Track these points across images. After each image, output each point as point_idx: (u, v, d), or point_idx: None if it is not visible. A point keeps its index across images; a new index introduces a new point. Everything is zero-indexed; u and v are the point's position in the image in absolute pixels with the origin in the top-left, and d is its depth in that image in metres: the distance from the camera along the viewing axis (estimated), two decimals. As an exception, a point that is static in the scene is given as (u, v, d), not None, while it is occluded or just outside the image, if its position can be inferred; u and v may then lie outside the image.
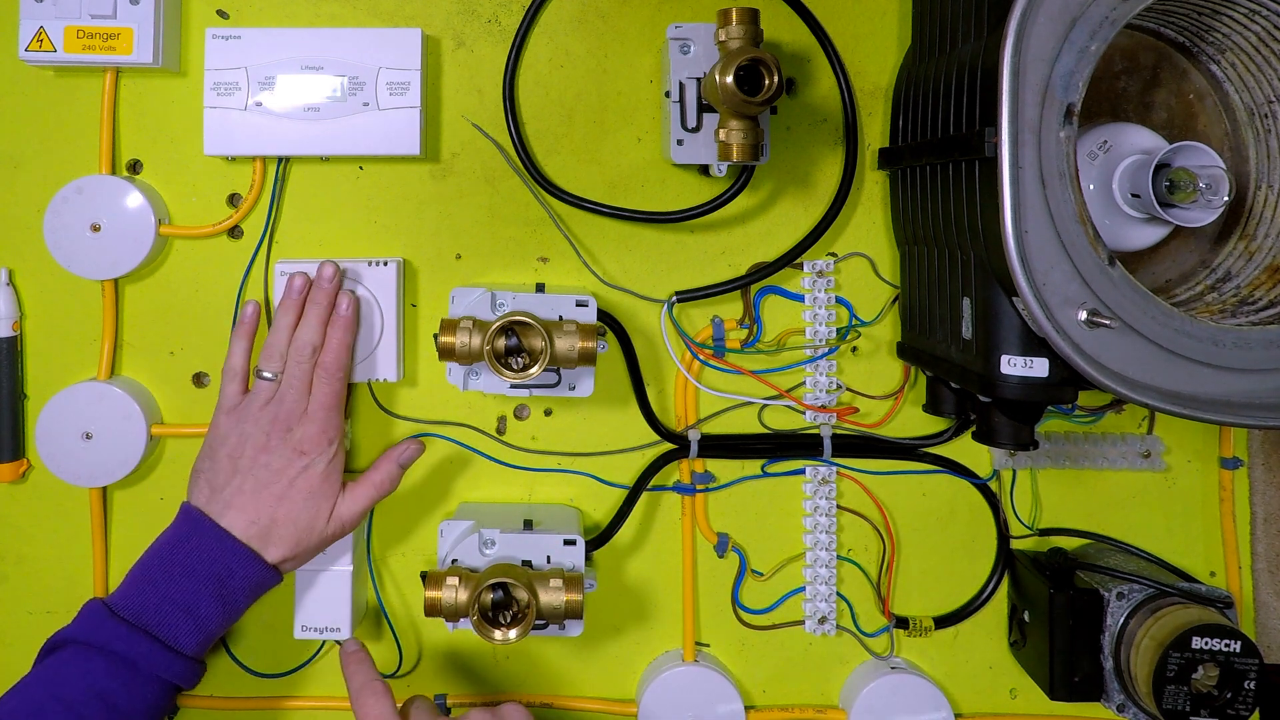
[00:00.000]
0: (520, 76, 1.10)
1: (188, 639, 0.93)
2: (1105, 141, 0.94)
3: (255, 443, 0.98)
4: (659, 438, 1.11)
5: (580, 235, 1.11)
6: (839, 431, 1.13)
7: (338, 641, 1.06)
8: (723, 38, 0.98)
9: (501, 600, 0.97)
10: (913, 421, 1.13)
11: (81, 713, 0.87)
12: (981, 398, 0.95)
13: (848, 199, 1.11)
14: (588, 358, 0.98)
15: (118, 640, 0.90)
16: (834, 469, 1.12)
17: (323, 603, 1.06)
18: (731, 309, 1.11)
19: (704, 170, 1.07)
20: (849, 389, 1.13)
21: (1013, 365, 0.88)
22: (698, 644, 1.13)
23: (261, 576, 0.96)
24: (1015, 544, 1.14)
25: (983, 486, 1.14)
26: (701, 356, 1.10)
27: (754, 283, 1.10)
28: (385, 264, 1.07)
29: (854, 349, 1.13)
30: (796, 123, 1.11)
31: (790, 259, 1.10)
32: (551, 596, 0.98)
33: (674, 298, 1.10)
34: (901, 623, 1.13)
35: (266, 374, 1.00)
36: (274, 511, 0.97)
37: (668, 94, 1.03)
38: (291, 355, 1.00)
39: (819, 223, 1.10)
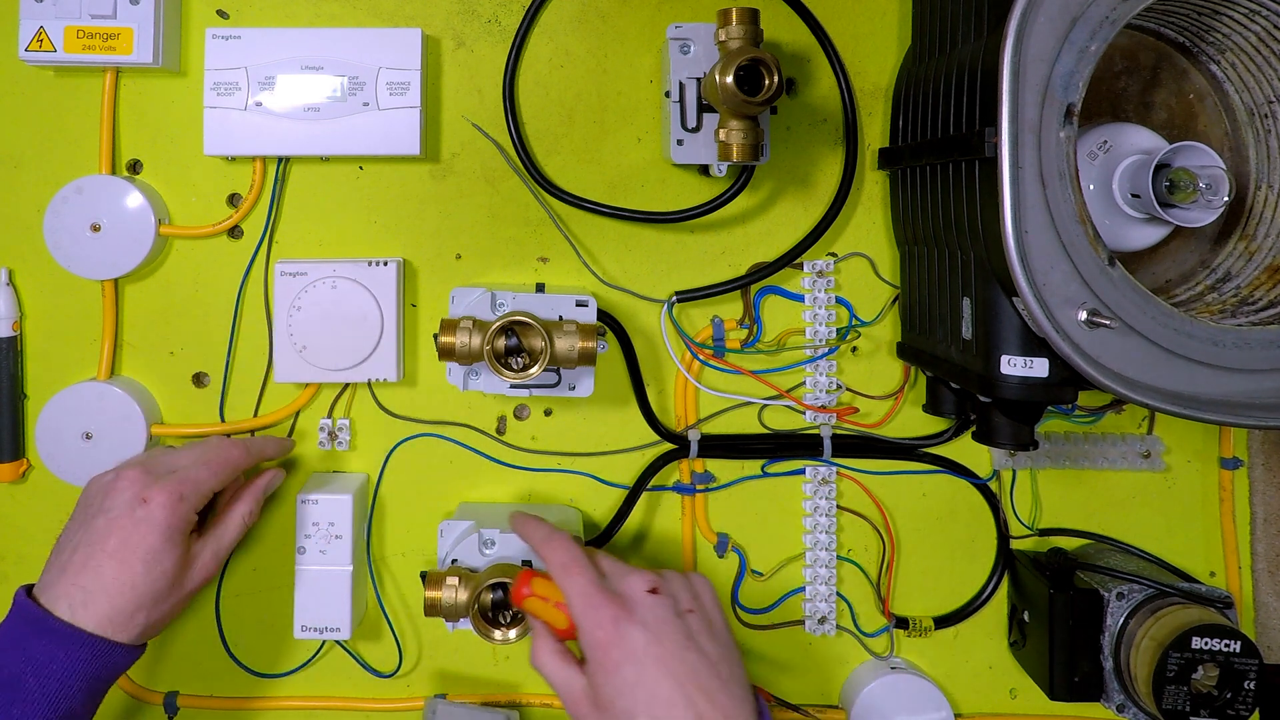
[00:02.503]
0: (520, 76, 1.10)
1: None
2: (1105, 141, 0.94)
3: (103, 490, 0.95)
4: (659, 438, 1.11)
5: (580, 235, 1.11)
6: (839, 431, 1.13)
7: (338, 642, 1.06)
8: (723, 38, 0.98)
9: (501, 600, 0.97)
10: (913, 421, 1.13)
11: None
12: (981, 398, 0.95)
13: (848, 199, 1.11)
14: (588, 358, 0.98)
15: None
16: (834, 469, 1.12)
17: (322, 603, 1.05)
18: (731, 309, 1.11)
19: (704, 170, 1.06)
20: (849, 389, 1.13)
21: (1013, 365, 0.88)
22: (698, 644, 1.12)
23: (82, 654, 0.87)
24: (1015, 544, 1.14)
25: (983, 486, 1.14)
26: (701, 356, 1.10)
27: (754, 283, 1.10)
28: (385, 264, 1.07)
29: (854, 349, 1.13)
30: (796, 123, 1.11)
31: (790, 259, 1.10)
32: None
33: (674, 298, 1.10)
34: (901, 623, 1.12)
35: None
36: (100, 571, 0.90)
37: (668, 94, 1.03)
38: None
39: (819, 223, 1.10)
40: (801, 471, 1.13)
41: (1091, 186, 0.95)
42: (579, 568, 0.88)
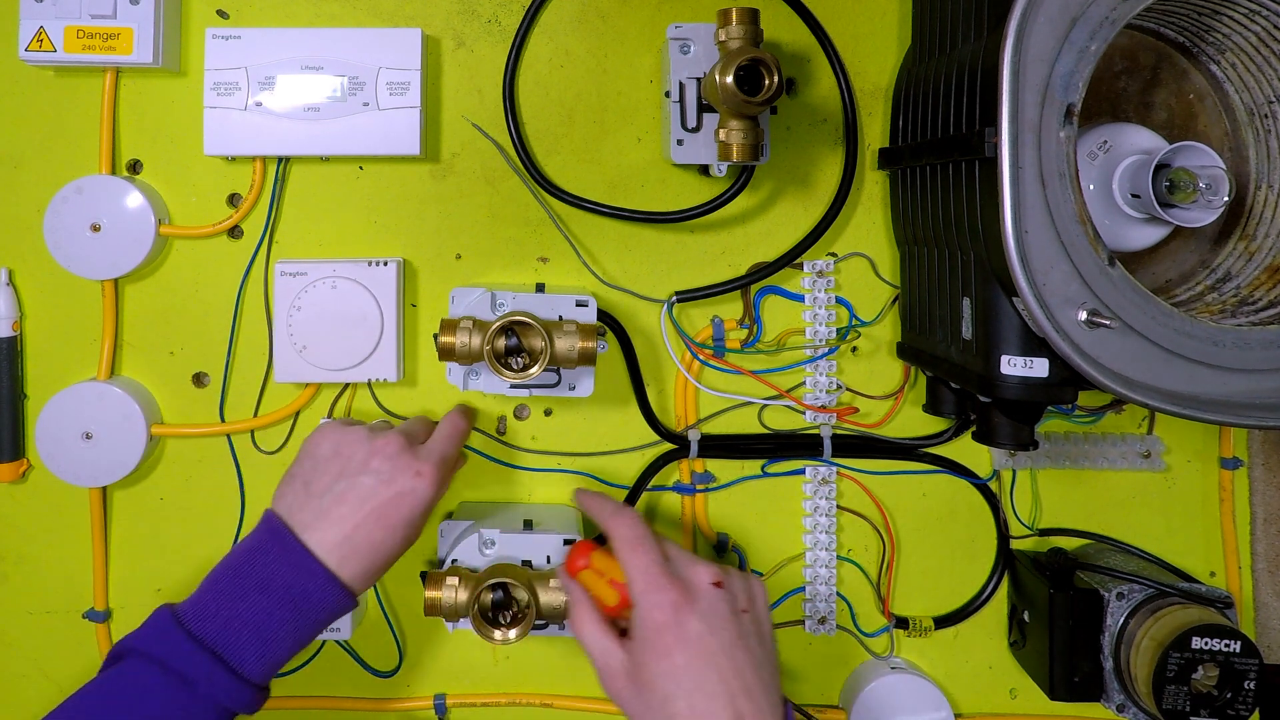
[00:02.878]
0: (520, 76, 1.10)
1: (253, 663, 0.86)
2: (1105, 141, 0.94)
3: (367, 449, 0.94)
4: (659, 438, 1.11)
5: (580, 235, 1.11)
6: (839, 431, 1.13)
7: (338, 641, 1.06)
8: (723, 38, 0.98)
9: (501, 600, 0.97)
10: (913, 421, 1.13)
11: None
12: (981, 398, 0.95)
13: (848, 199, 1.11)
14: (588, 358, 0.98)
15: (178, 656, 0.84)
16: (834, 469, 1.12)
17: None
18: (731, 309, 1.11)
19: (704, 170, 1.06)
20: (849, 389, 1.13)
21: (1013, 365, 0.88)
22: (698, 644, 1.12)
23: (340, 602, 0.89)
24: (1015, 544, 1.14)
25: (983, 486, 1.14)
26: (701, 356, 1.10)
27: (754, 283, 1.10)
28: (385, 264, 1.07)
29: (854, 349, 1.13)
30: (796, 123, 1.11)
31: (790, 259, 1.10)
32: (551, 597, 0.97)
33: (674, 298, 1.10)
34: (901, 623, 1.13)
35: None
36: (368, 532, 0.90)
37: (668, 94, 1.03)
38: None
39: (819, 223, 1.10)
40: (801, 471, 1.13)
41: (1091, 186, 0.95)
42: (645, 546, 0.89)
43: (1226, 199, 0.89)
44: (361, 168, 1.10)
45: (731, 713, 0.81)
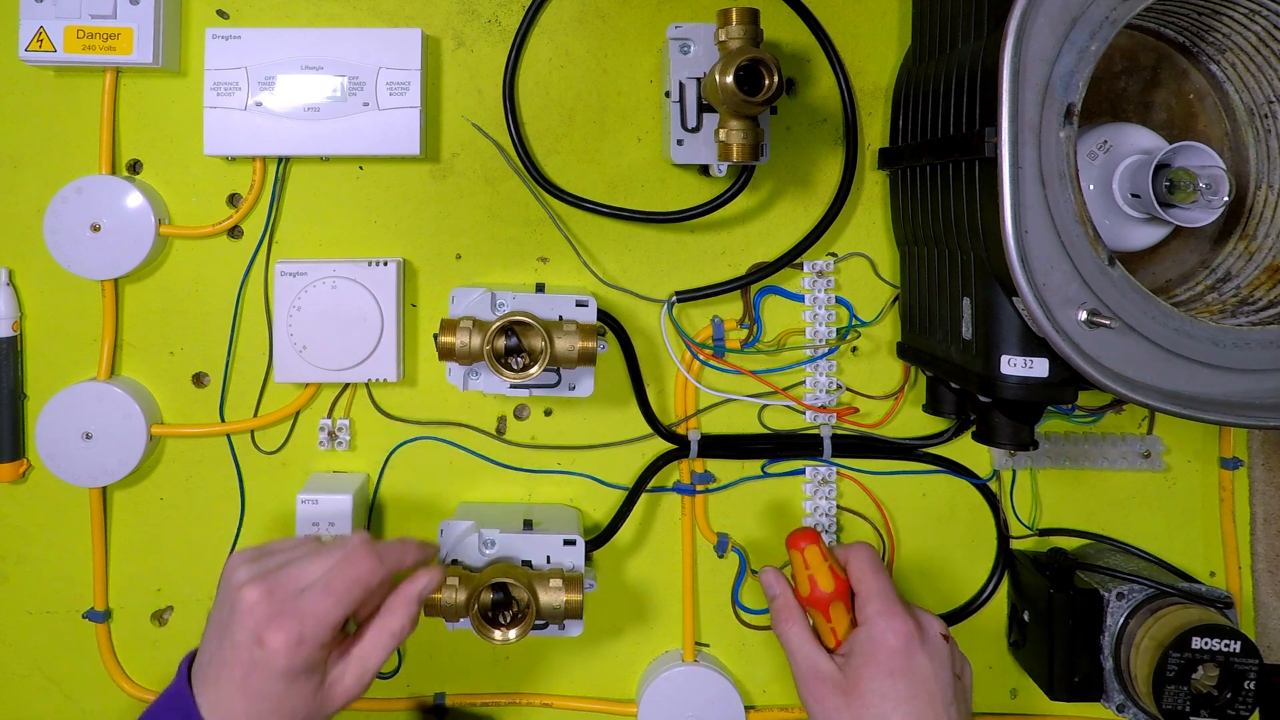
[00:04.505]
0: (520, 76, 1.10)
1: None
2: (1105, 141, 0.94)
3: (231, 596, 0.83)
4: (659, 437, 1.11)
5: (580, 235, 1.11)
6: (839, 432, 1.13)
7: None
8: (723, 38, 0.97)
9: (501, 600, 0.97)
10: (913, 422, 1.13)
11: None
12: (981, 398, 0.95)
13: (848, 199, 1.11)
14: (588, 358, 0.98)
15: None
16: (834, 469, 1.12)
17: None
18: (731, 309, 1.12)
19: (704, 170, 1.07)
20: (849, 389, 1.12)
21: (1013, 365, 0.88)
22: (698, 644, 1.13)
23: None
24: (1015, 544, 1.14)
25: (983, 487, 1.14)
26: (701, 356, 1.10)
27: (754, 283, 1.10)
28: (385, 264, 1.07)
29: (854, 349, 1.13)
30: (796, 123, 1.11)
31: (790, 259, 1.10)
32: (551, 597, 0.97)
33: (674, 298, 1.10)
34: (901, 623, 1.12)
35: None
36: (242, 702, 0.81)
37: (668, 94, 1.03)
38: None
39: (819, 223, 1.10)
40: (801, 472, 1.13)
41: (1091, 186, 0.94)
42: (884, 574, 0.95)
43: (1226, 199, 0.88)
44: (361, 168, 1.10)
45: None
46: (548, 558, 1.02)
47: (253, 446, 1.11)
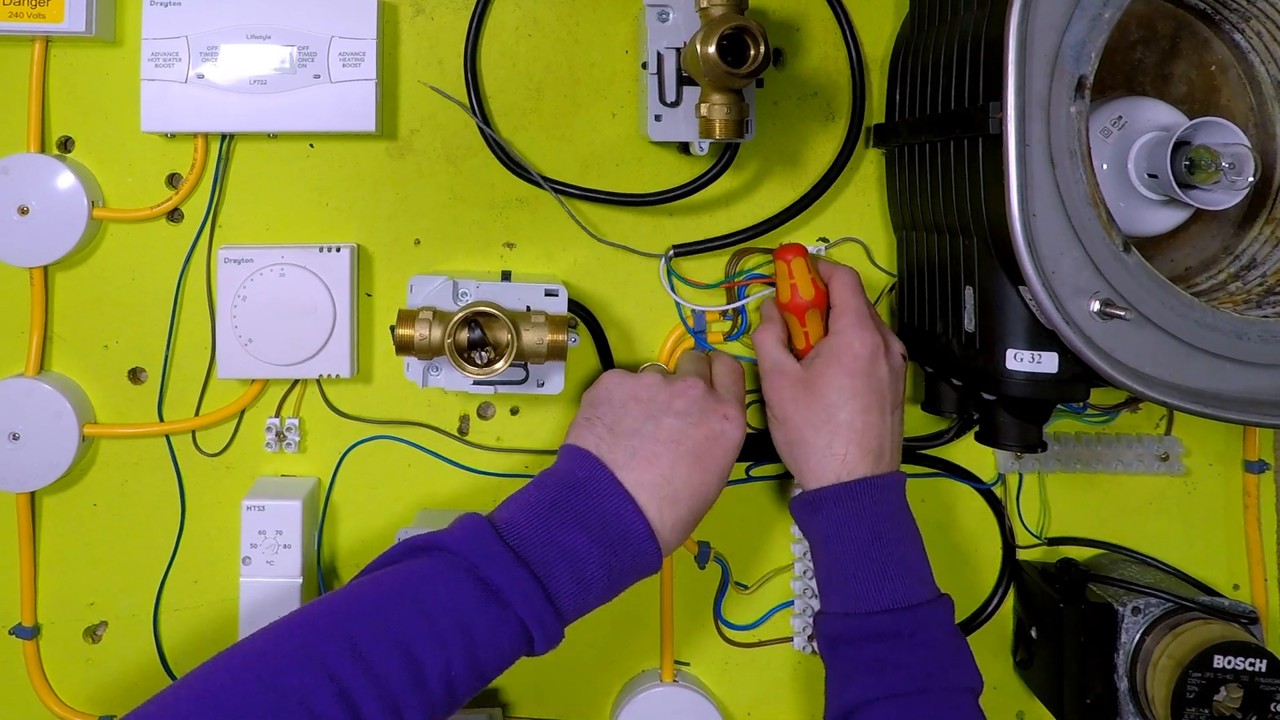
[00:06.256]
0: (484, 46, 1.09)
1: (568, 599, 0.84)
2: (1120, 117, 0.94)
3: (668, 392, 0.94)
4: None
5: (549, 219, 1.10)
6: (831, 432, 1.11)
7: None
8: (704, 4, 0.96)
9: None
10: (911, 421, 1.12)
11: (440, 631, 0.79)
12: (985, 395, 0.95)
13: (840, 175, 1.10)
14: (558, 352, 0.98)
15: (497, 568, 0.82)
16: (826, 473, 1.11)
17: (270, 618, 1.00)
18: (714, 298, 1.11)
19: (684, 148, 1.07)
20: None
21: (1019, 360, 0.88)
22: (677, 663, 1.12)
23: (651, 560, 0.88)
24: (1022, 554, 1.14)
25: (986, 492, 1.13)
26: (707, 319, 1.11)
27: (743, 241, 1.11)
28: (338, 250, 1.06)
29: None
30: (784, 96, 1.11)
31: (778, 224, 1.10)
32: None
33: (671, 251, 1.10)
34: (899, 639, 1.11)
35: None
36: (687, 474, 0.90)
37: (645, 65, 1.02)
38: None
39: (810, 190, 1.10)
40: (790, 475, 1.10)
41: (1105, 166, 0.94)
42: (863, 295, 1.01)
43: (1252, 179, 0.89)
44: (312, 145, 1.09)
45: (882, 443, 0.95)
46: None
47: (194, 448, 1.10)
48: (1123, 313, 0.80)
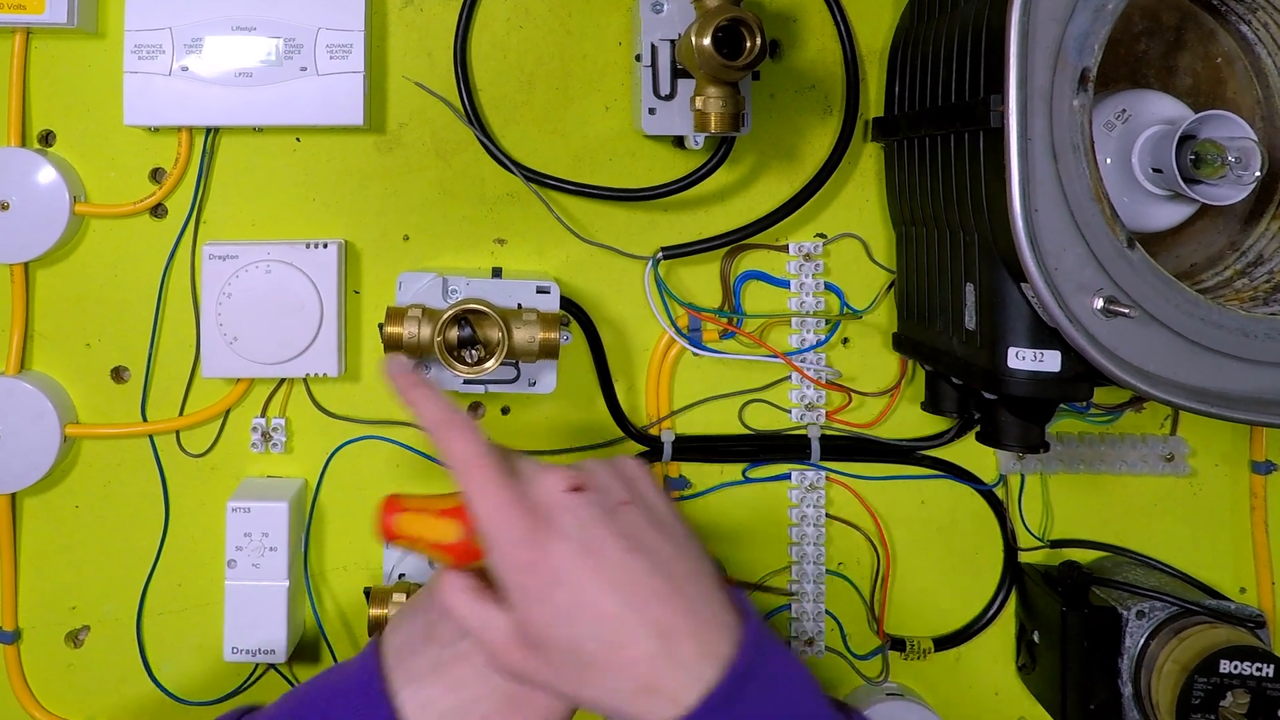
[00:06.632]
0: (474, 38, 1.09)
1: None
2: (1124, 110, 0.94)
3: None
4: (628, 438, 1.10)
5: (541, 215, 1.10)
6: (828, 432, 1.12)
7: (272, 665, 1.04)
8: (699, -6, 0.97)
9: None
10: (910, 421, 1.13)
11: None
12: (986, 395, 0.95)
13: (838, 168, 1.10)
14: (549, 350, 0.98)
15: None
16: (823, 474, 1.12)
17: (255, 622, 1.05)
18: (711, 296, 1.10)
19: (679, 142, 1.07)
20: (839, 385, 1.12)
21: (1021, 359, 0.88)
22: (673, 667, 1.11)
23: None
24: (1024, 557, 1.13)
25: (988, 493, 1.13)
26: (698, 319, 1.10)
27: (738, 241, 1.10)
28: (325, 246, 1.06)
29: (845, 340, 1.12)
30: (781, 89, 1.10)
31: (775, 221, 1.09)
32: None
33: (659, 254, 1.09)
34: (897, 644, 1.12)
35: None
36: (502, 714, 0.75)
37: (638, 58, 1.02)
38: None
39: (809, 183, 1.09)
40: (787, 476, 1.12)
41: (1108, 160, 0.94)
42: (486, 465, 0.73)
43: (1258, 174, 0.88)
44: (299, 139, 1.09)
45: (653, 629, 0.69)
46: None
47: (178, 449, 1.09)
48: (1127, 310, 0.80)
